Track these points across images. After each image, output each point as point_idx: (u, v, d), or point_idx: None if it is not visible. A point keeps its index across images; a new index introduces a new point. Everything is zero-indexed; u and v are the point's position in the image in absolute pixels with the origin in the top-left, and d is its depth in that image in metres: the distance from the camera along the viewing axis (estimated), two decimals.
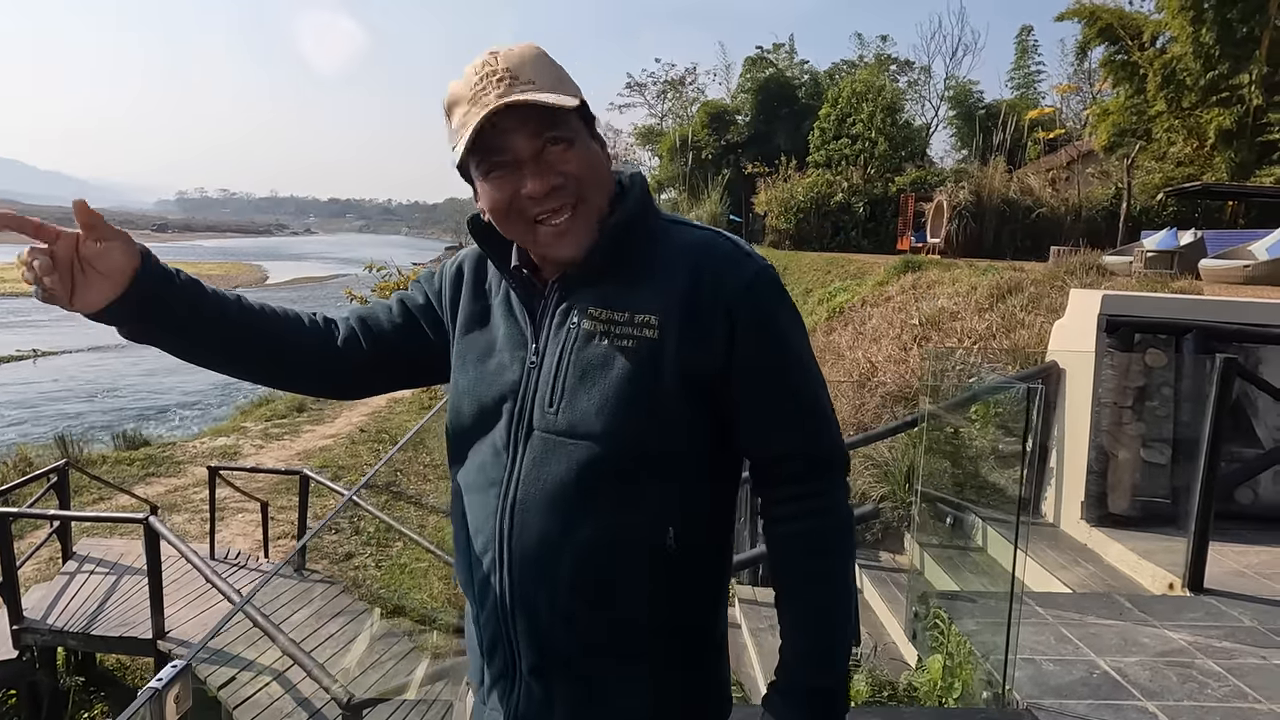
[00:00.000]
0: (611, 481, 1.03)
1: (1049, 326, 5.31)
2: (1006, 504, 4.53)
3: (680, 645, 1.10)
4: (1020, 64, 37.30)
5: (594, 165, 1.05)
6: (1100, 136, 19.27)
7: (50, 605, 5.84)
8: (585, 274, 1.07)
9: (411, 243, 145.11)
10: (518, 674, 1.10)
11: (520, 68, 1.01)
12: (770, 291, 1.07)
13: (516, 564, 1.06)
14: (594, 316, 1.05)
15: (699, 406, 1.04)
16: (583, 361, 1.04)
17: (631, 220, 1.07)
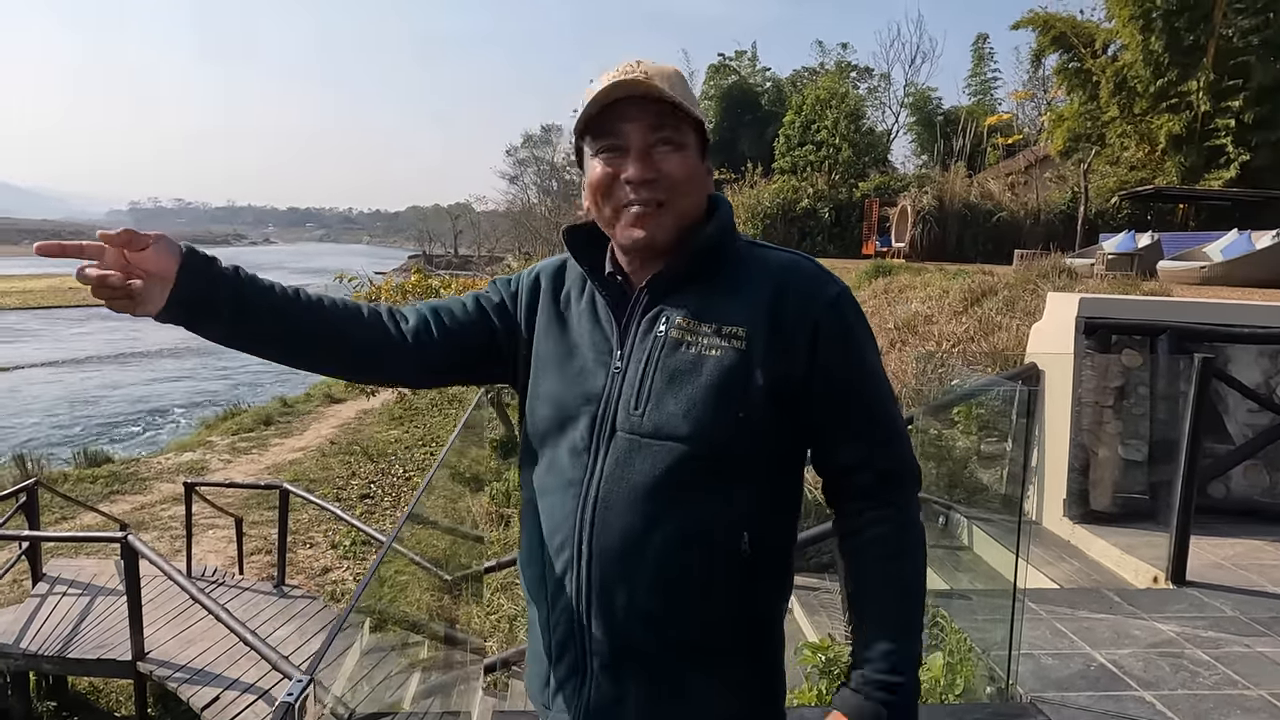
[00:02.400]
0: (695, 481, 1.07)
1: (1026, 329, 5.45)
2: (990, 503, 4.64)
3: (749, 639, 1.14)
4: (977, 71, 38.13)
5: (693, 176, 1.12)
6: (1056, 142, 19.78)
7: (22, 629, 5.67)
8: (672, 282, 1.14)
9: (374, 251, 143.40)
10: (589, 671, 1.12)
11: (659, 74, 1.09)
12: (851, 309, 1.14)
13: (596, 562, 1.09)
14: (682, 326, 1.11)
15: (781, 414, 1.09)
16: (670, 367, 1.10)
17: (721, 235, 1.15)
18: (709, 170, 1.18)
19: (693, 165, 1.12)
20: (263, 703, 4.98)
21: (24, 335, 30.90)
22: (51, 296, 44.76)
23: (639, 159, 1.09)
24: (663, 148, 1.10)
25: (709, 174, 1.18)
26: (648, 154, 1.10)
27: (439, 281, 11.77)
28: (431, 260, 63.95)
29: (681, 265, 1.13)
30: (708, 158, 1.18)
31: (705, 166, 1.16)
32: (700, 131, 1.14)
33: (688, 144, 1.12)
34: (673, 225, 1.12)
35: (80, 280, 0.97)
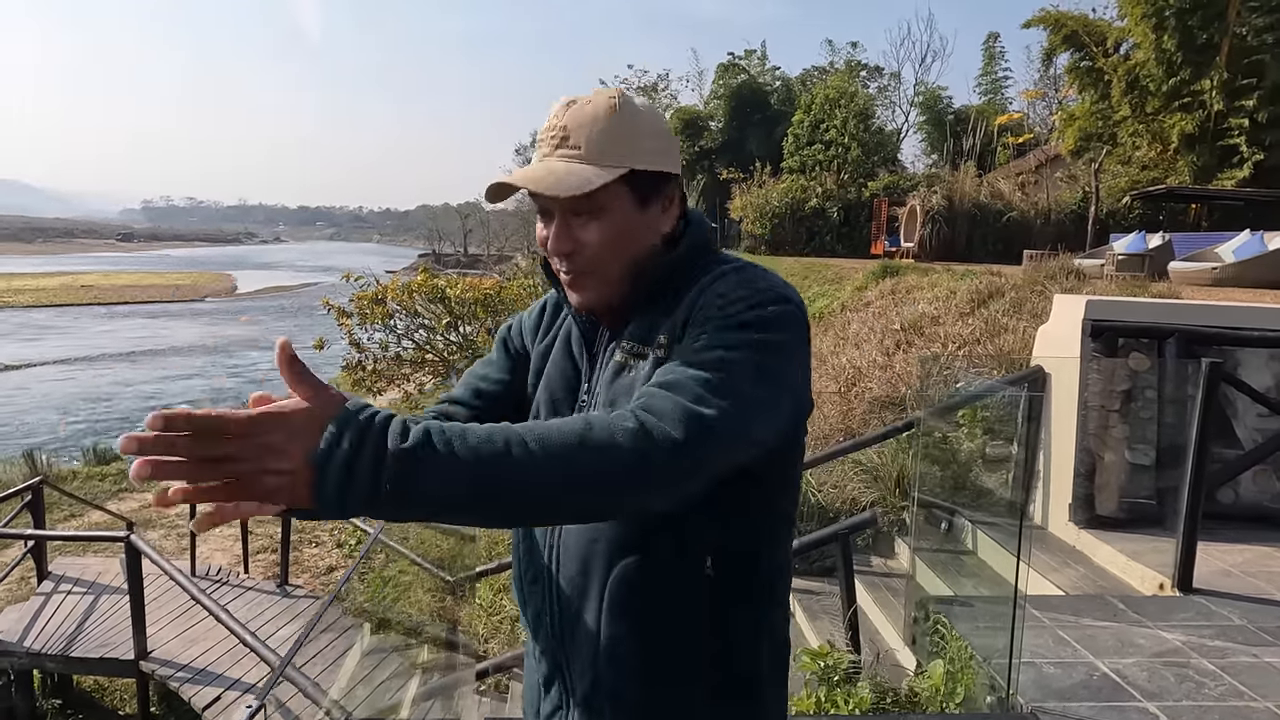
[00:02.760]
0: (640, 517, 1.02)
1: (1032, 331, 5.40)
2: (995, 507, 4.59)
3: (733, 672, 1.07)
4: (988, 70, 37.95)
5: (617, 239, 1.06)
6: (1067, 141, 19.66)
7: (27, 627, 5.70)
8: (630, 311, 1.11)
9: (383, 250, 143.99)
10: (569, 707, 1.11)
11: (576, 128, 1.04)
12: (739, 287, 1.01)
13: (563, 599, 1.08)
14: (626, 349, 1.09)
15: None
16: (612, 393, 1.07)
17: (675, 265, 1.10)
18: (668, 203, 1.11)
19: (619, 227, 1.06)
20: None
21: (37, 333, 31.12)
22: (64, 294, 45.11)
23: (557, 232, 1.07)
24: (579, 218, 1.05)
25: (666, 209, 1.11)
26: (565, 224, 1.06)
27: (445, 281, 11.77)
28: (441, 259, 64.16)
29: (636, 297, 1.10)
30: (661, 194, 1.10)
31: (653, 210, 1.09)
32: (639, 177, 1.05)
33: (608, 206, 1.04)
34: (605, 290, 1.09)
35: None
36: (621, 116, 1.05)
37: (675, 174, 1.11)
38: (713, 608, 1.05)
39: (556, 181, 1.01)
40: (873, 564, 5.02)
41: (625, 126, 1.05)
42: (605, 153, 1.03)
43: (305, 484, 0.73)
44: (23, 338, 29.51)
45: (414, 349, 11.61)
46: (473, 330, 11.42)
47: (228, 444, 0.72)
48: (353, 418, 0.75)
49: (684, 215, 1.15)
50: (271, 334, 32.54)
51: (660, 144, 1.09)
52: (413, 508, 0.77)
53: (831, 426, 6.06)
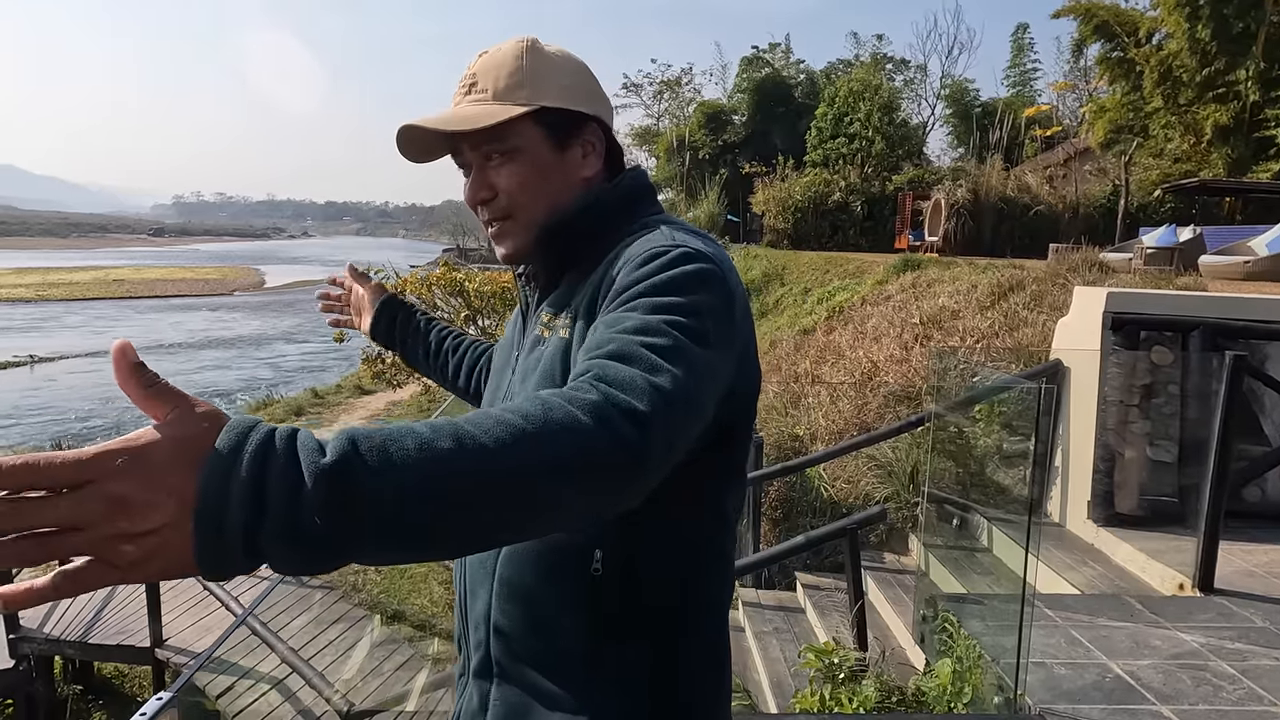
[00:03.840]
0: None
1: (1052, 324, 5.28)
2: (1011, 504, 4.49)
3: (619, 674, 0.97)
4: (1016, 62, 37.41)
5: (534, 180, 1.03)
6: (1097, 133, 19.30)
7: (47, 614, 5.78)
8: (546, 279, 1.09)
9: (409, 245, 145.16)
10: (468, 674, 1.10)
11: (484, 73, 1.03)
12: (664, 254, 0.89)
13: (468, 570, 1.09)
14: (542, 321, 1.06)
15: None
16: (526, 366, 1.05)
17: (565, 224, 1.04)
18: (589, 148, 1.06)
19: (534, 167, 1.03)
20: (275, 693, 5.02)
21: (69, 325, 31.73)
22: (96, 288, 45.94)
23: (473, 179, 1.06)
24: (494, 161, 1.04)
25: (587, 154, 1.06)
26: (482, 170, 1.05)
27: (464, 275, 11.76)
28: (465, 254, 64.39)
29: (537, 257, 1.07)
30: (580, 136, 1.05)
31: (573, 152, 1.05)
32: (552, 115, 1.02)
33: (521, 146, 1.02)
34: (527, 236, 1.05)
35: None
36: (531, 57, 1.04)
37: (596, 118, 1.07)
38: (602, 612, 0.96)
39: (458, 118, 1.00)
40: (885, 560, 4.95)
41: (534, 66, 1.03)
42: (511, 91, 1.02)
43: (184, 544, 0.52)
44: (55, 330, 30.09)
45: None
46: (491, 323, 11.42)
47: (55, 505, 0.49)
48: (243, 437, 0.56)
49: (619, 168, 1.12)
50: (299, 326, 32.93)
51: (575, 83, 1.06)
52: (350, 546, 0.56)
53: (846, 421, 5.98)
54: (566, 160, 1.05)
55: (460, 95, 1.05)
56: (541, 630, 1.00)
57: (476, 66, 1.04)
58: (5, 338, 27.66)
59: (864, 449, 5.26)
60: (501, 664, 1.03)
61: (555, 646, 1.00)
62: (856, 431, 5.70)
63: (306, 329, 32.69)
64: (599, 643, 0.97)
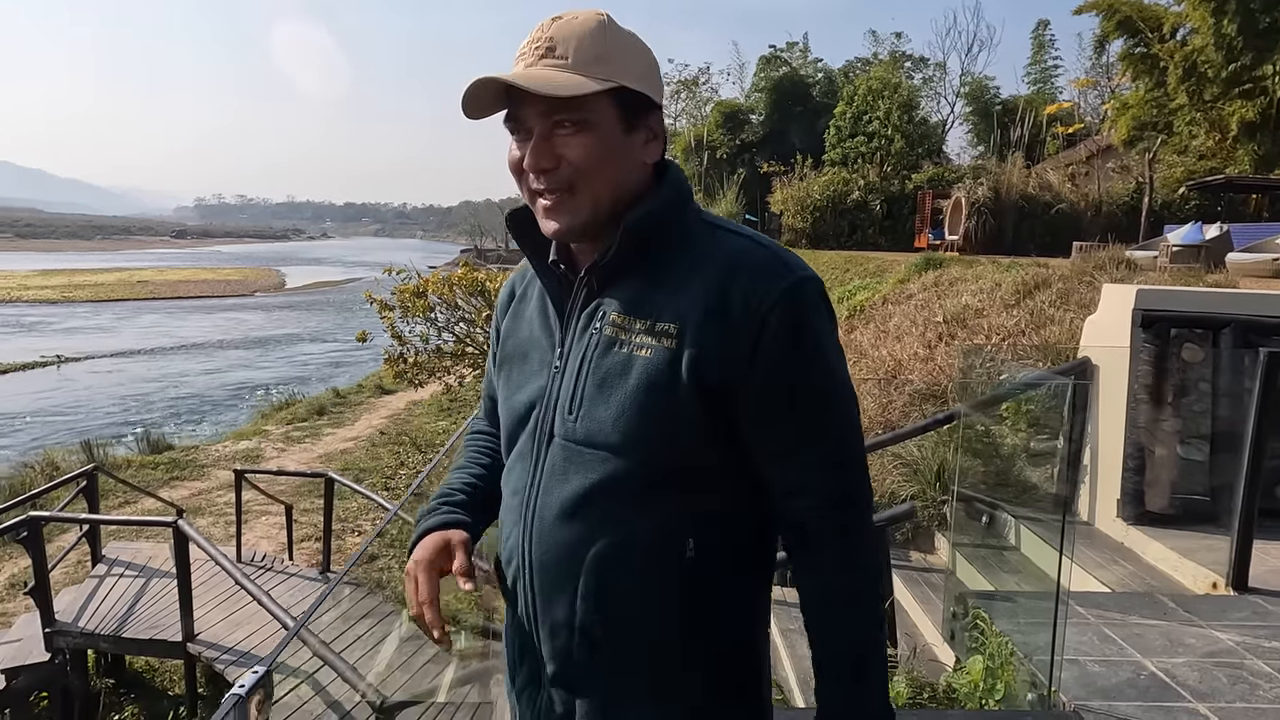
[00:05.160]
0: (627, 495, 0.99)
1: (1080, 322, 5.25)
2: (1039, 502, 4.48)
3: (713, 666, 1.04)
4: (1037, 59, 37.05)
5: (604, 155, 1.00)
6: (1120, 130, 19.07)
7: (81, 608, 5.88)
8: (610, 271, 1.04)
9: (426, 246, 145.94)
10: (542, 683, 1.10)
11: (564, 39, 0.99)
12: (809, 303, 0.98)
13: (537, 574, 1.05)
14: (616, 323, 1.02)
15: (721, 421, 0.98)
16: (602, 369, 1.01)
17: (653, 217, 1.03)
18: (651, 135, 1.05)
19: (605, 144, 1.00)
20: (306, 687, 5.08)
21: (95, 327, 32.17)
22: (120, 290, 46.55)
23: (536, 146, 1.00)
24: (563, 130, 0.99)
25: (650, 140, 1.05)
26: (548, 138, 1.00)
27: (485, 275, 11.86)
28: (483, 254, 64.75)
29: (615, 251, 1.02)
30: (646, 121, 1.04)
31: (639, 135, 1.03)
32: (627, 95, 1.00)
33: (595, 120, 0.99)
34: (587, 213, 1.01)
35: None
36: (611, 33, 1.01)
37: (659, 106, 1.05)
38: (698, 598, 1.01)
39: (548, 82, 0.96)
40: (911, 559, 4.94)
41: (614, 42, 1.01)
42: (594, 64, 0.98)
43: None
44: (81, 330, 30.52)
45: (454, 342, 11.71)
46: None
47: None
48: None
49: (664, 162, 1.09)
50: (320, 327, 33.21)
51: (647, 69, 1.04)
52: None
53: (870, 419, 5.97)
54: (631, 143, 1.03)
55: (534, 56, 1.00)
56: (634, 625, 1.01)
57: (553, 30, 1.00)
58: (35, 338, 28.09)
59: (889, 447, 5.25)
60: (588, 667, 1.03)
61: (648, 642, 1.02)
62: (881, 430, 5.69)
63: (328, 329, 32.99)
64: (691, 633, 1.01)
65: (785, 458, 0.99)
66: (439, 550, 1.09)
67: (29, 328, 30.91)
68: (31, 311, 36.66)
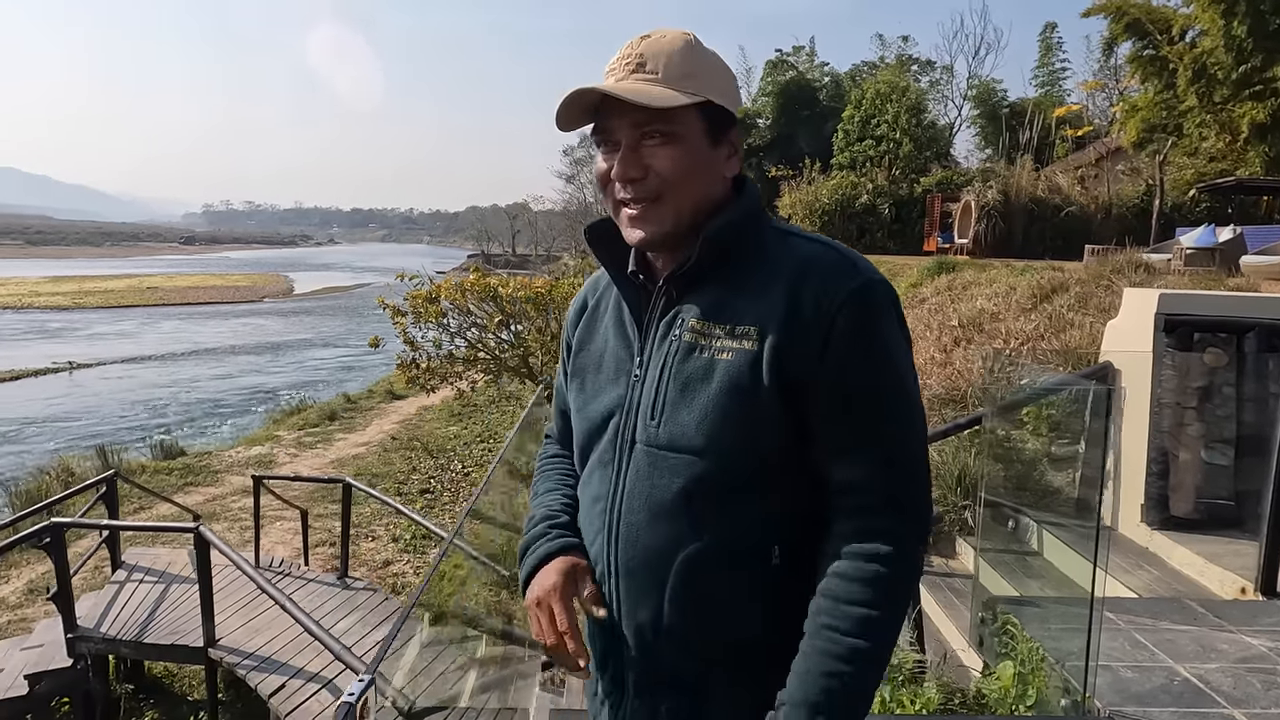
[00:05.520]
0: (714, 497, 1.01)
1: (1100, 326, 5.24)
2: (1061, 507, 4.46)
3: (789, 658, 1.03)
4: (1044, 61, 36.96)
5: (690, 167, 1.04)
6: (1129, 133, 19.01)
7: (102, 614, 5.91)
8: (689, 279, 1.07)
9: (434, 251, 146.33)
10: (626, 688, 1.10)
11: (654, 55, 1.04)
12: (876, 305, 1.02)
13: (623, 580, 1.06)
14: (695, 329, 1.05)
15: (798, 420, 1.01)
16: (684, 374, 1.04)
17: (741, 224, 1.07)
18: (732, 150, 1.10)
19: (692, 156, 1.05)
20: (326, 692, 5.10)
21: (105, 333, 32.32)
22: (130, 296, 46.78)
23: (625, 156, 1.05)
24: (651, 141, 1.04)
25: (731, 155, 1.10)
26: (636, 149, 1.04)
27: (497, 280, 11.89)
28: (490, 259, 64.90)
29: (695, 260, 1.06)
30: (728, 136, 1.09)
31: (722, 150, 1.08)
32: (712, 110, 1.06)
33: (683, 133, 1.04)
34: (672, 222, 1.05)
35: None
36: (697, 51, 1.06)
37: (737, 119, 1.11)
38: (778, 602, 1.03)
39: (643, 94, 1.01)
40: (934, 564, 4.92)
41: (700, 60, 1.06)
42: (684, 79, 1.03)
43: None
44: (92, 336, 30.68)
45: (466, 347, 11.74)
46: (524, 329, 11.51)
47: None
48: None
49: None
50: (330, 333, 33.32)
51: (729, 86, 1.09)
52: None
53: None
54: (715, 156, 1.07)
55: (624, 71, 1.04)
56: (720, 628, 1.03)
57: (642, 47, 1.05)
58: (47, 344, 28.24)
59: None
60: (675, 671, 1.04)
61: (737, 645, 1.03)
62: None
63: (337, 334, 33.10)
64: (779, 634, 1.02)
65: (841, 455, 1.00)
66: (567, 578, 1.10)
67: (53, 334, 31.00)
68: (57, 317, 36.83)
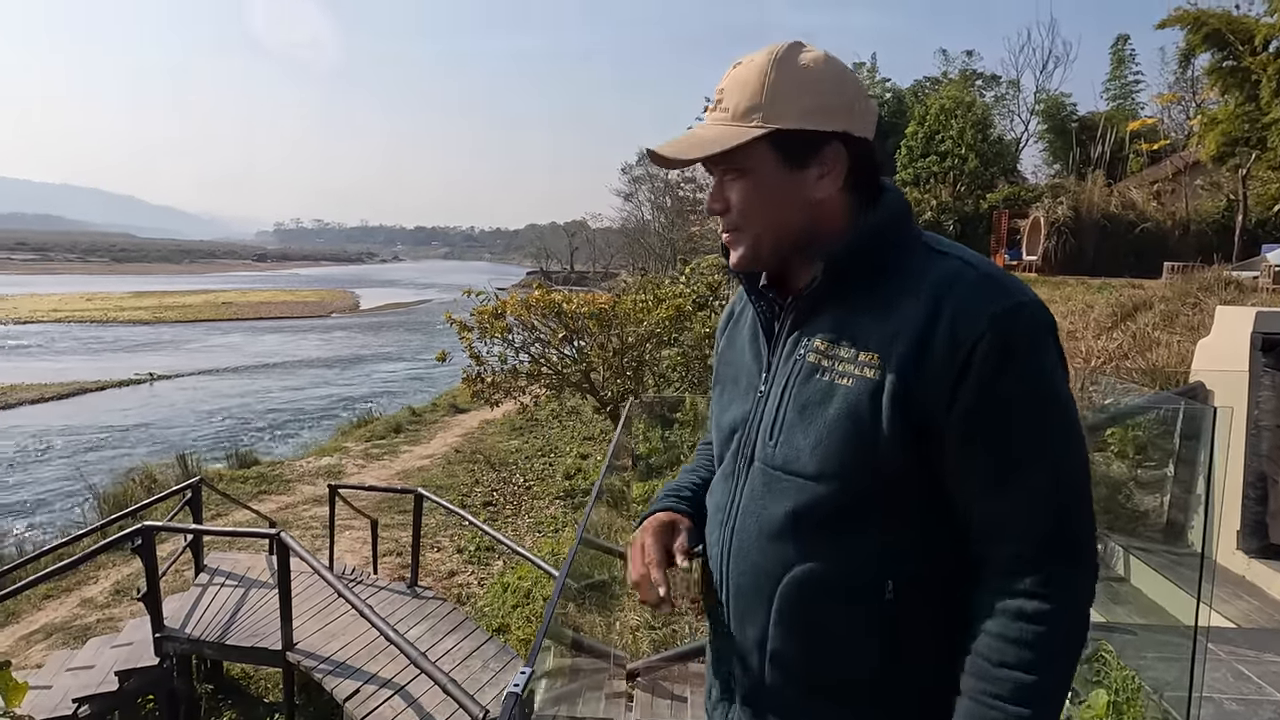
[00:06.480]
0: (827, 523, 0.99)
1: (1187, 345, 5.06)
2: (1150, 532, 4.31)
3: (901, 696, 1.01)
4: (1116, 74, 35.90)
5: (761, 200, 1.05)
6: (1208, 146, 18.27)
7: (187, 615, 6.14)
8: (816, 298, 1.05)
9: (493, 268, 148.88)
10: (734, 699, 1.11)
11: (730, 90, 1.04)
12: (1023, 329, 0.93)
13: (733, 594, 1.07)
14: (819, 350, 1.03)
15: (921, 456, 0.96)
16: (803, 396, 1.02)
17: (849, 250, 1.03)
18: (827, 169, 1.03)
19: (762, 188, 1.04)
20: (399, 698, 5.19)
21: (183, 346, 33.66)
22: (207, 311, 48.67)
23: (711, 191, 1.10)
24: (729, 176, 1.07)
25: (824, 174, 1.03)
26: (720, 185, 1.08)
27: (561, 296, 12.04)
28: (549, 276, 65.77)
29: (819, 282, 1.04)
30: (817, 156, 1.03)
31: (809, 172, 1.03)
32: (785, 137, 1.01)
33: (751, 166, 1.04)
34: (753, 251, 1.08)
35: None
36: (777, 73, 1.01)
37: (843, 134, 1.03)
38: (891, 638, 0.99)
39: (683, 147, 1.05)
40: None
41: (777, 85, 1.01)
42: (749, 112, 1.02)
43: None
44: (171, 349, 31.98)
45: (530, 362, 11.91)
46: (587, 344, 11.62)
47: None
48: None
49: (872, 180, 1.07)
50: (394, 348, 34.12)
51: (819, 102, 1.01)
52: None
53: None
54: (799, 180, 1.04)
55: (710, 111, 1.07)
56: (828, 658, 1.01)
57: (726, 81, 1.05)
58: (130, 357, 29.53)
59: None
60: (778, 692, 1.04)
61: (840, 673, 1.01)
62: None
63: (401, 349, 33.87)
64: (888, 667, 1.00)
65: (986, 497, 0.94)
66: (665, 526, 1.17)
67: (128, 350, 32.34)
68: (140, 331, 38.49)
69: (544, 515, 10.47)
